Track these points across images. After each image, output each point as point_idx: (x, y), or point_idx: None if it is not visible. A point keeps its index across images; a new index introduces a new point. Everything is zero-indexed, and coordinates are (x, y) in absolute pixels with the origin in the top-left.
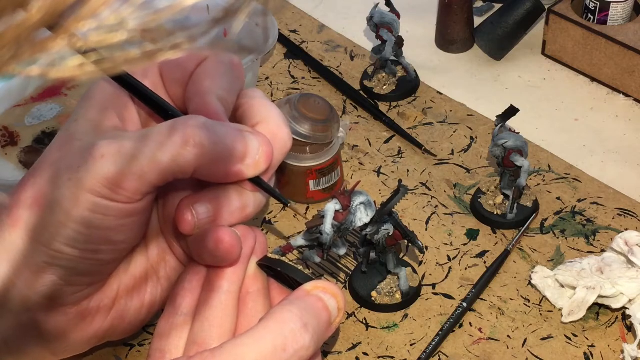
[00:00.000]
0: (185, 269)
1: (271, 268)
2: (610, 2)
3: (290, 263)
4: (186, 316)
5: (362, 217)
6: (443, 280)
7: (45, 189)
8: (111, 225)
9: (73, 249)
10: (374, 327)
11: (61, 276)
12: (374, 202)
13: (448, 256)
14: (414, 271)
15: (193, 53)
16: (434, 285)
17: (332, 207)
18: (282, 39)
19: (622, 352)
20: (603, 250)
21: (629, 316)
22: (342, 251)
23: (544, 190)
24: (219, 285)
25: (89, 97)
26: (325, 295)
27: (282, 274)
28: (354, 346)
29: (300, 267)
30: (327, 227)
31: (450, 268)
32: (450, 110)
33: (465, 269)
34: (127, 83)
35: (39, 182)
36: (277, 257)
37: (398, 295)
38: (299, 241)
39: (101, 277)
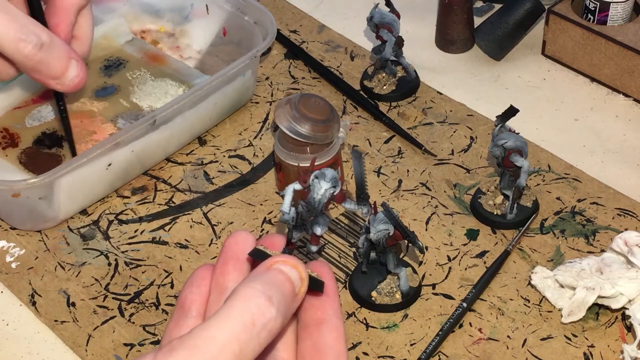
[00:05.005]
0: (193, 272)
1: (260, 260)
2: (610, 2)
3: (277, 253)
4: (196, 318)
5: (319, 190)
6: (443, 280)
7: None
8: None
9: None
10: (374, 327)
11: None
12: (339, 178)
13: (448, 256)
14: (414, 271)
15: None
16: (434, 285)
17: (291, 186)
18: (282, 39)
19: (622, 352)
20: (603, 251)
21: (629, 316)
22: (319, 230)
23: (543, 190)
24: (227, 287)
25: None
26: (286, 267)
27: None
28: (354, 346)
29: None
30: (285, 206)
31: (450, 268)
32: (450, 110)
33: (465, 269)
34: None
35: None
36: (263, 248)
37: (398, 295)
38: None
39: None
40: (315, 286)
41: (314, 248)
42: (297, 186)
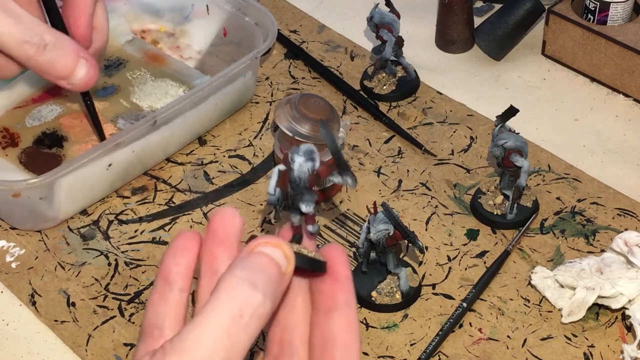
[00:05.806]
0: (172, 243)
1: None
2: (610, 2)
3: (309, 250)
4: (181, 292)
5: (294, 165)
6: (443, 280)
7: None
8: None
9: None
10: (374, 327)
11: None
12: (314, 151)
13: (448, 256)
14: (414, 271)
15: None
16: (434, 285)
17: (276, 168)
18: (282, 39)
19: (622, 352)
20: (603, 251)
21: (629, 316)
22: (303, 207)
23: (543, 190)
24: (219, 270)
25: None
26: (267, 248)
27: None
28: None
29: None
30: (270, 188)
31: (450, 268)
32: (450, 110)
33: (465, 269)
34: None
35: None
36: (296, 249)
37: (398, 295)
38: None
39: None
40: (315, 267)
41: (310, 228)
42: (281, 167)
